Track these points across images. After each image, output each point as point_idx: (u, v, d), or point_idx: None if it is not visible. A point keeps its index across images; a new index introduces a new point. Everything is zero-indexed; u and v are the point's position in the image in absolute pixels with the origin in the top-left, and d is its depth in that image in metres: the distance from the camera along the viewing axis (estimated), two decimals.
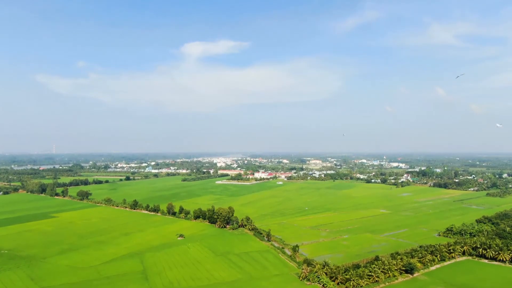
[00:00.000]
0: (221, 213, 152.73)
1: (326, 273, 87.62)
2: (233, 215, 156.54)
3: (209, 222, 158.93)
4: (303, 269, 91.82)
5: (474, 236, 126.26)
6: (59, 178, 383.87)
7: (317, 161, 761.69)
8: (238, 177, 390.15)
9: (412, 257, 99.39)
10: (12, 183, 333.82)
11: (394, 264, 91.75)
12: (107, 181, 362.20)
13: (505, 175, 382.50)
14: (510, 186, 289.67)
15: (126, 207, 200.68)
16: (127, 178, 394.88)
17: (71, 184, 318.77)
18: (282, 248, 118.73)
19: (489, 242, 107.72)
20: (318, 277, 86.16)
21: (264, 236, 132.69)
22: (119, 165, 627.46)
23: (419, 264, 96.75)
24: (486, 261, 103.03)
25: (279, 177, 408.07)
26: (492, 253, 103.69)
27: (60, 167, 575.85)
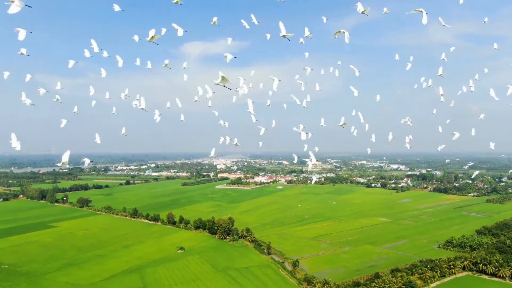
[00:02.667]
0: (221, 224, 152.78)
1: None
2: (233, 225, 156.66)
3: (209, 233, 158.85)
4: (303, 287, 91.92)
5: (475, 249, 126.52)
6: (59, 182, 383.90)
7: (317, 163, 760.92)
8: (238, 181, 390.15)
9: (412, 273, 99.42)
10: (12, 188, 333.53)
11: (394, 283, 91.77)
12: (107, 186, 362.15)
13: (505, 179, 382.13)
14: (510, 191, 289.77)
15: (126, 216, 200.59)
16: (127, 183, 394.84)
17: (71, 189, 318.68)
18: (283, 262, 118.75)
19: (489, 257, 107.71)
20: None
21: (264, 248, 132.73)
22: (119, 167, 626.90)
23: (419, 282, 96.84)
24: (486, 277, 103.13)
25: (279, 181, 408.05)
26: (492, 269, 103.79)
27: (60, 170, 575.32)
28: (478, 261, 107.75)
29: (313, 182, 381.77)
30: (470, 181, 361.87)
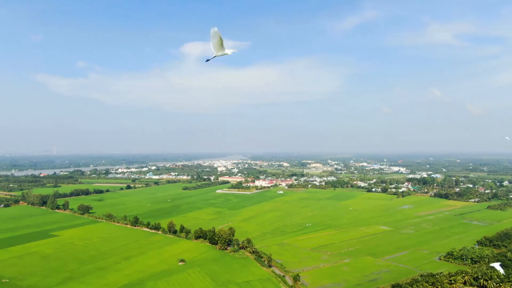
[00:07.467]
0: (221, 235, 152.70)
1: None
2: (233, 236, 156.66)
3: (209, 243, 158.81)
4: None
5: (476, 262, 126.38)
6: (59, 187, 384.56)
7: (318, 165, 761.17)
8: (238, 186, 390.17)
9: None
10: (12, 193, 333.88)
11: None
12: (107, 190, 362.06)
13: (505, 183, 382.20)
14: (511, 196, 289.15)
15: (127, 224, 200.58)
16: (128, 187, 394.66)
17: (72, 194, 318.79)
18: (283, 276, 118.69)
19: (490, 272, 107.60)
20: None
21: (265, 261, 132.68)
22: (119, 170, 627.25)
23: None
24: None
25: (279, 185, 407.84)
26: (493, 285, 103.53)
27: (61, 172, 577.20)
28: (479, 276, 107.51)
29: (316, 183, 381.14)
30: (471, 186, 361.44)
